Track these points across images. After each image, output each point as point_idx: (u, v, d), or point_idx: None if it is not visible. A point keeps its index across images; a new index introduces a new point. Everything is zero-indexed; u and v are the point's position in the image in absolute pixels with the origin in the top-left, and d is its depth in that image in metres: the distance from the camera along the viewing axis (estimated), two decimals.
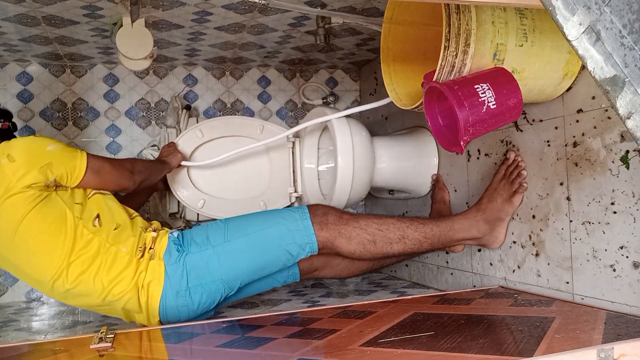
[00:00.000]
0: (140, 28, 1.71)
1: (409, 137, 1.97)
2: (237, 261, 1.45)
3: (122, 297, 1.39)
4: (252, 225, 1.49)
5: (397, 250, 1.52)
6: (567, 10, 0.78)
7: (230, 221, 1.53)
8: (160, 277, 1.40)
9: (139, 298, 1.40)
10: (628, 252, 1.16)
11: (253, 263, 1.47)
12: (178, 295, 1.41)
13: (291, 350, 1.00)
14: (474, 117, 1.11)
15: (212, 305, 1.47)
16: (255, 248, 1.46)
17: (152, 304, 1.40)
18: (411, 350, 0.94)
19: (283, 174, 2.08)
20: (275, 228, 1.47)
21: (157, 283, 1.40)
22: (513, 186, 1.45)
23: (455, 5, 1.13)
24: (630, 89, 0.80)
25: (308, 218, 1.48)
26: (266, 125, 2.09)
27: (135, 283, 1.39)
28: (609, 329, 1.02)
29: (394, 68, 1.44)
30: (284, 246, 1.47)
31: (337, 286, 2.08)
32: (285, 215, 1.51)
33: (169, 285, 1.40)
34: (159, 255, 1.43)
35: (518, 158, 1.46)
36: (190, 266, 1.43)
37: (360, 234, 1.49)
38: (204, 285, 1.43)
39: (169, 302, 1.40)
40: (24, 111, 2.25)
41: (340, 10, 1.76)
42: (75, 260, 1.36)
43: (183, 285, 1.41)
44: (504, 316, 1.17)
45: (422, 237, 1.51)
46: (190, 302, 1.42)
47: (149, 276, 1.40)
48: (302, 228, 1.47)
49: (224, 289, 1.46)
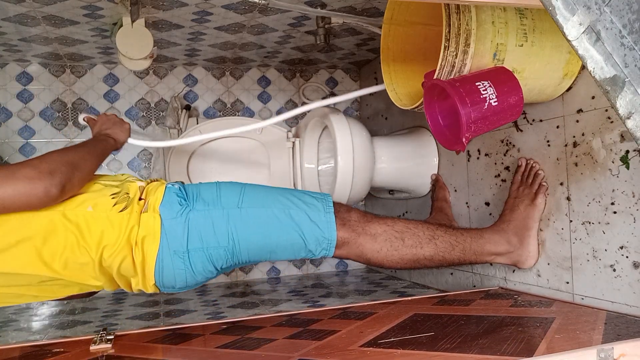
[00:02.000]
0: (140, 28, 1.71)
1: (409, 137, 1.97)
2: (248, 232, 1.25)
3: (114, 258, 1.16)
4: (270, 200, 1.29)
5: (428, 252, 1.34)
6: (567, 10, 0.78)
7: (248, 187, 1.33)
8: (156, 232, 1.19)
9: (134, 258, 1.18)
10: (628, 252, 1.16)
11: (264, 240, 1.27)
12: (175, 256, 1.20)
13: (291, 351, 1.00)
14: (475, 113, 1.10)
15: (212, 275, 1.28)
16: (271, 223, 1.26)
17: (148, 263, 1.20)
18: (411, 351, 0.94)
19: (283, 174, 2.08)
20: (295, 211, 1.28)
21: (153, 239, 1.19)
22: (533, 188, 1.41)
23: (455, 5, 1.13)
24: (630, 89, 0.80)
25: (332, 212, 1.30)
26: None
27: (127, 240, 1.17)
28: (609, 329, 1.02)
29: (394, 68, 1.44)
30: (301, 233, 1.27)
31: (337, 286, 2.08)
32: (307, 200, 1.32)
33: (165, 242, 1.20)
34: (153, 207, 1.22)
35: (530, 161, 1.43)
36: (193, 224, 1.22)
37: (387, 230, 1.32)
38: (206, 250, 1.23)
39: (165, 262, 1.20)
40: (24, 111, 2.25)
41: (340, 10, 1.76)
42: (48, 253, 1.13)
43: (182, 245, 1.21)
44: (504, 317, 1.17)
45: (453, 241, 1.36)
46: (188, 267, 1.22)
47: (143, 231, 1.18)
48: (324, 221, 1.29)
49: (226, 259, 1.26)
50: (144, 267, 1.19)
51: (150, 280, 1.21)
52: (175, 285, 1.24)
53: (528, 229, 1.40)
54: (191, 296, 2.07)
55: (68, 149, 1.20)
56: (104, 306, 1.98)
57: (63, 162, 1.12)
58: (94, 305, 2.02)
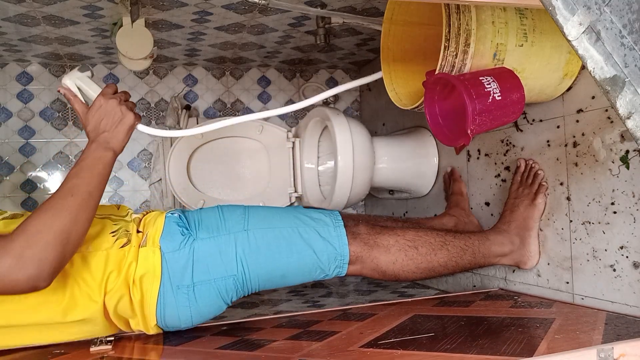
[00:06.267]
0: (140, 28, 1.71)
1: (409, 137, 1.97)
2: (258, 255, 1.16)
3: (111, 297, 1.08)
4: (277, 219, 1.21)
5: (442, 259, 1.30)
6: (567, 10, 0.77)
7: (251, 209, 1.24)
8: (156, 268, 1.09)
9: (131, 297, 1.09)
10: (628, 252, 1.16)
11: (275, 263, 1.18)
12: (179, 291, 1.11)
13: (291, 352, 1.00)
14: (480, 105, 1.10)
15: (220, 310, 1.19)
16: (280, 244, 1.18)
17: (148, 304, 1.10)
18: (411, 352, 0.94)
19: (283, 173, 2.08)
20: (304, 229, 1.20)
21: (153, 276, 1.09)
22: (533, 188, 1.40)
23: (455, 5, 1.12)
24: (630, 89, 0.80)
25: (342, 226, 1.23)
26: (265, 125, 2.09)
27: (125, 278, 1.07)
28: (609, 329, 1.02)
29: (394, 68, 1.44)
30: (313, 252, 1.20)
31: (337, 286, 2.08)
32: (314, 216, 1.25)
33: (167, 278, 1.10)
34: (153, 240, 1.12)
35: (530, 161, 1.42)
36: (199, 255, 1.12)
37: (399, 241, 1.27)
38: (213, 282, 1.13)
39: (168, 300, 1.11)
40: (24, 111, 2.25)
41: (340, 10, 1.76)
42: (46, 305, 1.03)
43: (186, 278, 1.11)
44: (504, 317, 1.16)
45: (463, 245, 1.33)
46: (193, 302, 1.12)
47: (141, 268, 1.09)
48: (335, 236, 1.21)
49: (236, 290, 1.17)
50: (142, 307, 1.11)
51: (151, 321, 1.13)
52: (181, 325, 1.16)
53: (529, 229, 1.40)
54: None
55: (56, 205, 0.96)
56: None
57: (51, 240, 0.92)
58: None
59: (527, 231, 1.40)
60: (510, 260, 1.42)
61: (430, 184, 1.90)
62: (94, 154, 1.06)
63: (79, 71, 1.15)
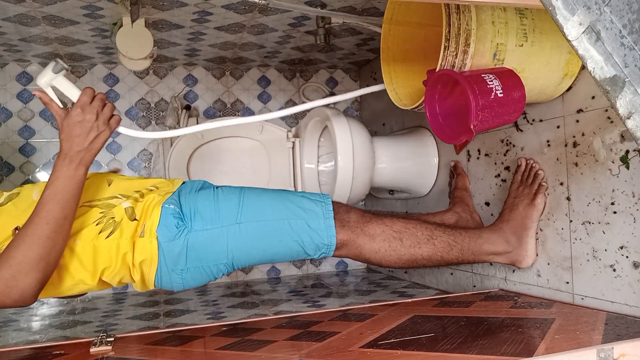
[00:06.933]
0: (140, 28, 1.71)
1: (409, 137, 1.97)
2: (247, 247, 1.27)
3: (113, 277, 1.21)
4: (269, 210, 1.29)
5: (426, 252, 1.35)
6: (567, 10, 0.77)
7: (246, 197, 1.31)
8: (154, 255, 1.20)
9: (132, 275, 1.22)
10: (628, 252, 1.16)
11: (263, 253, 1.29)
12: (173, 272, 1.24)
13: (291, 353, 1.00)
14: (483, 101, 1.10)
15: (209, 280, 1.31)
16: (269, 236, 1.28)
17: (148, 279, 1.24)
18: (411, 352, 0.94)
19: (283, 173, 2.08)
20: (294, 221, 1.28)
21: (151, 262, 1.21)
22: (532, 188, 1.41)
23: (455, 5, 1.12)
24: (630, 89, 0.80)
25: (331, 217, 1.30)
26: (266, 125, 2.09)
27: (123, 262, 1.19)
28: (609, 329, 1.02)
29: (394, 68, 1.44)
30: (301, 242, 1.29)
31: (337, 286, 2.08)
32: (306, 206, 1.31)
33: (164, 262, 1.21)
34: (150, 231, 1.20)
35: (530, 161, 1.43)
36: (192, 246, 1.23)
37: (385, 231, 1.33)
38: (205, 267, 1.26)
39: (164, 277, 1.24)
40: (24, 111, 2.25)
41: (340, 10, 1.76)
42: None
43: (180, 264, 1.23)
44: (504, 318, 1.17)
45: (451, 241, 1.36)
46: (186, 279, 1.26)
47: (139, 256, 1.19)
48: (324, 228, 1.29)
49: (226, 270, 1.30)
50: (143, 281, 1.25)
51: (150, 286, 1.27)
52: (173, 289, 1.29)
53: (526, 229, 1.40)
54: (191, 296, 2.07)
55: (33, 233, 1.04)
56: (104, 306, 1.98)
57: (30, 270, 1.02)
58: (94, 305, 2.02)
59: (525, 230, 1.40)
60: (505, 259, 1.43)
61: (430, 184, 1.90)
62: (67, 173, 1.10)
63: (53, 71, 1.13)
